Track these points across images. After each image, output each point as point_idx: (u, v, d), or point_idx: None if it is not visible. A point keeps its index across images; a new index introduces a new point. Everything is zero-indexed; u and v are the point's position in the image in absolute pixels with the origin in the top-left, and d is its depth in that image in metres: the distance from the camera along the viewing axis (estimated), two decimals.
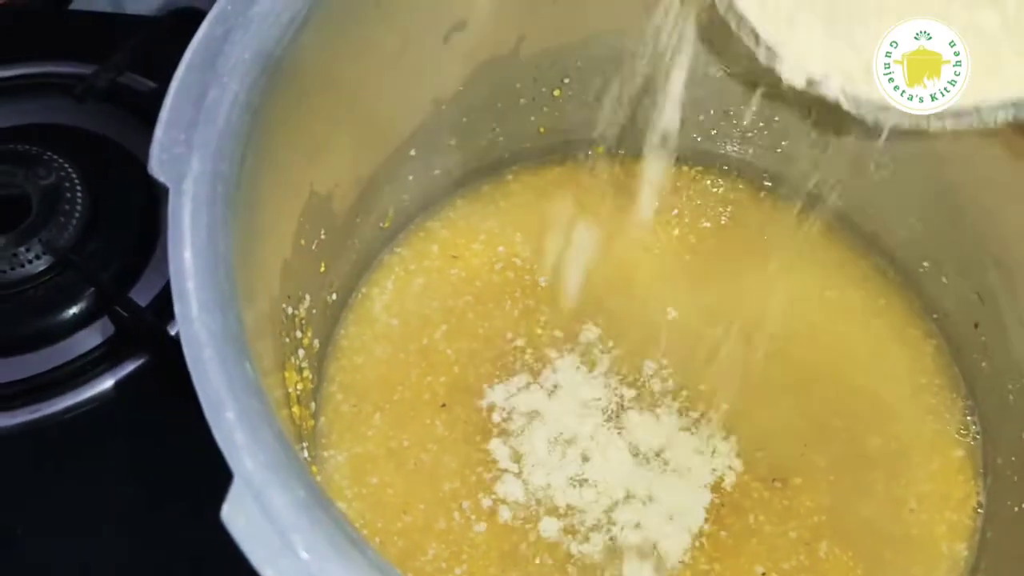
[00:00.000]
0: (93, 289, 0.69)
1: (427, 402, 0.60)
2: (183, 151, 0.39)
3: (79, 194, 0.72)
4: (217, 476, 0.33)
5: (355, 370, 0.61)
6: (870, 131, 0.52)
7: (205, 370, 0.35)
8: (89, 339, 0.68)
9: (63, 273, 0.69)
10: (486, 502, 0.56)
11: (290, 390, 0.49)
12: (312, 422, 0.55)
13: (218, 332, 0.36)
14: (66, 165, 0.74)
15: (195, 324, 0.36)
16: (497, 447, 0.58)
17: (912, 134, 0.50)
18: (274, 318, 0.48)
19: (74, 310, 0.68)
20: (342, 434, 0.58)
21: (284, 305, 0.50)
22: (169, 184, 0.38)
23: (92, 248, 0.71)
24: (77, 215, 0.71)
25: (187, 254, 0.37)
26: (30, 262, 0.69)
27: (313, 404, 0.56)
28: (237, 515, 0.32)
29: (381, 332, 0.62)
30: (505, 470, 0.57)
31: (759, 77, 0.60)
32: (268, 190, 0.45)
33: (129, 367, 0.66)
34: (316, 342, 0.57)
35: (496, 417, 0.59)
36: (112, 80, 0.78)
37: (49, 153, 0.74)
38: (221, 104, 0.41)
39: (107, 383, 0.66)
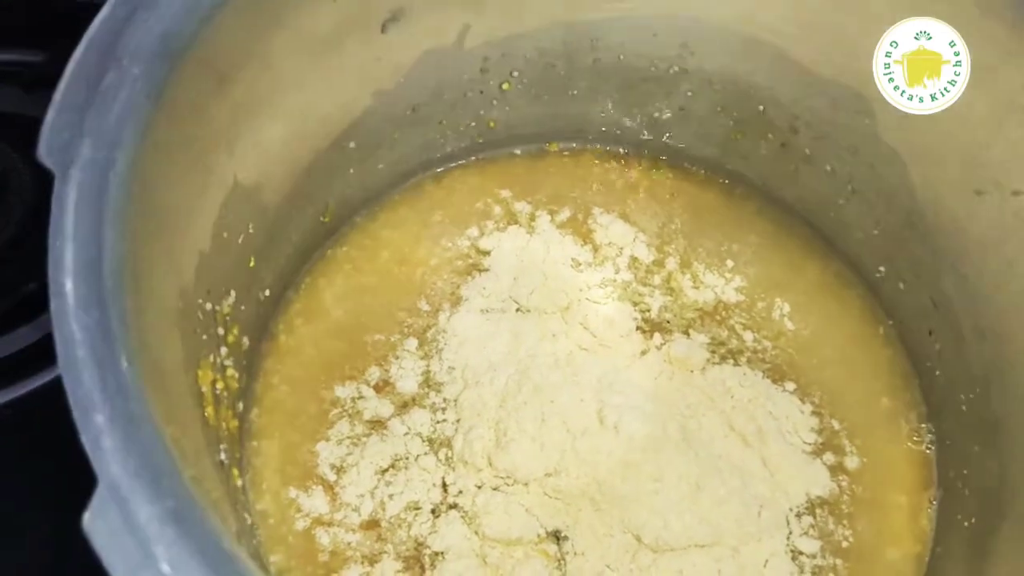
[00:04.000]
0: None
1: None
2: (74, 136, 0.37)
3: (27, 183, 0.70)
4: None
5: (297, 365, 0.59)
6: None
7: (77, 370, 0.33)
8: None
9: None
10: None
11: (204, 389, 0.47)
12: (235, 423, 0.52)
13: (95, 330, 0.34)
14: (13, 154, 0.71)
15: (70, 320, 0.33)
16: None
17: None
18: (186, 314, 0.46)
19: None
20: (279, 426, 0.56)
21: (201, 300, 0.48)
22: (56, 170, 0.36)
23: (37, 238, 0.68)
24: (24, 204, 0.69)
25: (67, 246, 0.35)
26: None
27: (240, 404, 0.54)
28: (99, 524, 0.30)
29: (326, 327, 0.60)
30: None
31: None
32: (176, 180, 0.43)
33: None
34: (245, 339, 0.55)
35: None
36: (61, 67, 0.76)
37: None
38: (119, 88, 0.39)
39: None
